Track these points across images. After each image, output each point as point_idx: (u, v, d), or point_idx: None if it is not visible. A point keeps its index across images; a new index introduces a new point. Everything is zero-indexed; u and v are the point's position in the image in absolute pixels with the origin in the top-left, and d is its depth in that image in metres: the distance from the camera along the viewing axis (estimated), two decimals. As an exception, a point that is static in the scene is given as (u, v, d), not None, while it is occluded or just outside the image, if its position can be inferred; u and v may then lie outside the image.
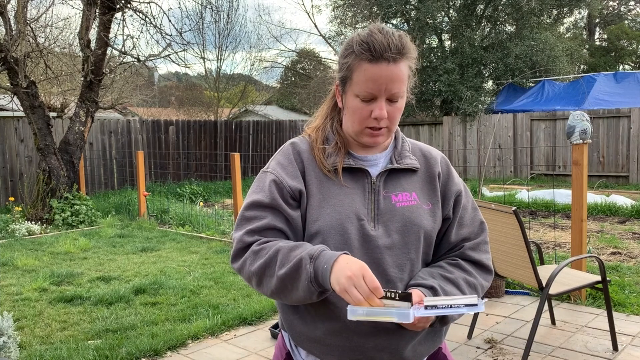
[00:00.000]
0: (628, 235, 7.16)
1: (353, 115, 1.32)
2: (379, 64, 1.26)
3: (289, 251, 1.23)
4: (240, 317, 4.06)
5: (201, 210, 9.10)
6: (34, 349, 3.53)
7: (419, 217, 1.35)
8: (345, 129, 1.40)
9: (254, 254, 1.27)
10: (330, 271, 1.15)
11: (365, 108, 1.30)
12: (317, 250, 1.20)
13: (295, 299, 1.24)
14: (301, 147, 1.40)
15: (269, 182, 1.35)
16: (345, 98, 1.35)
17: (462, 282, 1.34)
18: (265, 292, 1.28)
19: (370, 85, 1.27)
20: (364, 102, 1.30)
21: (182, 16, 26.29)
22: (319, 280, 1.17)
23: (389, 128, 1.34)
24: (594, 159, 13.03)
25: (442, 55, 16.56)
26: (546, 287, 3.20)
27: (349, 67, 1.30)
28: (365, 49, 1.26)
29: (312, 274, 1.17)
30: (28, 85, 8.14)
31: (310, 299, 1.22)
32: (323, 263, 1.17)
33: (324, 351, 1.35)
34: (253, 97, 23.96)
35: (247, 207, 1.34)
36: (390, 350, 1.31)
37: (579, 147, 4.18)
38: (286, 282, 1.22)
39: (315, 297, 1.21)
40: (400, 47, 1.27)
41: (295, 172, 1.36)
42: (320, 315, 1.32)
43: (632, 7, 27.17)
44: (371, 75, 1.26)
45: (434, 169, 1.42)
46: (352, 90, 1.31)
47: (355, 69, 1.28)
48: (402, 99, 1.32)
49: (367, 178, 1.37)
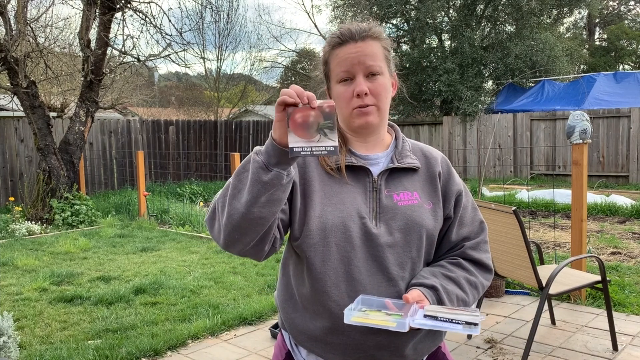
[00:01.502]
0: (628, 235, 7.16)
1: (340, 101, 1.36)
2: (347, 44, 1.34)
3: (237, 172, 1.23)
4: (240, 317, 4.06)
5: (201, 210, 9.10)
6: (34, 348, 3.53)
7: (421, 216, 1.36)
8: (341, 123, 1.41)
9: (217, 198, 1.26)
10: (270, 137, 1.16)
11: (347, 90, 1.34)
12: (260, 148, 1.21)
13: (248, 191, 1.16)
14: None
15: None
16: (332, 91, 1.39)
17: (463, 281, 1.35)
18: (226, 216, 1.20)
19: (343, 65, 1.33)
20: (345, 84, 1.34)
21: (182, 16, 26.29)
22: (262, 149, 1.17)
23: (377, 106, 1.35)
24: (594, 159, 13.04)
25: (442, 55, 16.55)
26: (546, 287, 3.20)
27: (326, 61, 1.39)
28: (335, 36, 1.36)
29: (257, 149, 1.19)
30: (28, 85, 8.14)
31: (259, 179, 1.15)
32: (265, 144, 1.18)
33: (325, 350, 1.35)
34: (253, 97, 23.96)
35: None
36: (391, 349, 1.32)
37: (579, 147, 4.18)
38: (239, 176, 1.19)
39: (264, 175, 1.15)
40: (366, 29, 1.35)
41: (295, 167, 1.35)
42: (321, 313, 1.32)
43: (632, 7, 27.18)
44: (342, 56, 1.33)
45: (434, 169, 1.43)
46: (334, 80, 1.37)
47: (331, 58, 1.37)
48: (383, 76, 1.35)
49: (369, 177, 1.37)
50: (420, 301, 1.23)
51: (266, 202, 1.17)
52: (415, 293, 1.25)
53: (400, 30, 18.19)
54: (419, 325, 1.15)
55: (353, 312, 1.17)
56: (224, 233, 1.22)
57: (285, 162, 1.16)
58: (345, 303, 1.27)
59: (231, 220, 1.19)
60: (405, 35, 17.76)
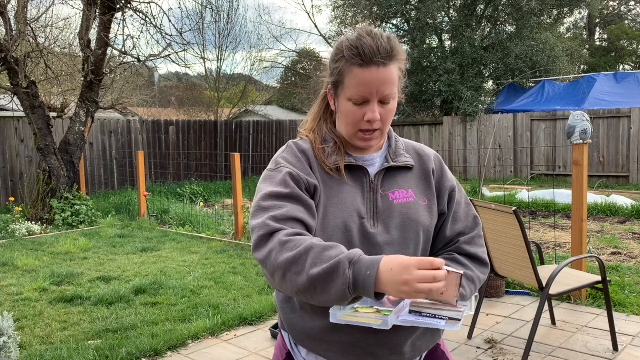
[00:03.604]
0: (628, 235, 7.16)
1: (346, 118, 1.34)
2: (369, 68, 1.27)
3: (322, 250, 1.16)
4: (240, 317, 4.06)
5: (201, 210, 9.10)
6: (34, 348, 3.53)
7: (417, 213, 1.38)
8: (339, 131, 1.42)
9: (281, 245, 1.19)
10: (375, 278, 1.09)
11: (357, 111, 1.31)
12: (356, 255, 1.14)
13: (323, 300, 1.16)
14: (304, 146, 1.41)
15: (284, 174, 1.32)
16: (338, 101, 1.36)
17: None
18: (287, 288, 1.20)
19: (361, 89, 1.28)
20: (356, 105, 1.31)
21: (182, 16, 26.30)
22: (358, 287, 1.11)
23: (381, 130, 1.36)
24: (594, 159, 13.03)
25: (442, 55, 16.55)
26: (546, 287, 3.20)
27: (340, 72, 1.31)
28: (355, 53, 1.27)
29: (351, 280, 1.11)
30: (28, 85, 8.14)
31: (339, 302, 1.16)
32: (364, 269, 1.11)
33: (325, 348, 1.35)
34: (253, 97, 23.95)
35: (263, 197, 1.29)
36: (390, 345, 1.33)
37: (579, 147, 4.18)
38: (316, 283, 1.14)
39: (347, 303, 1.16)
40: (389, 50, 1.28)
41: (307, 169, 1.35)
42: (319, 312, 1.32)
43: (632, 7, 27.18)
44: (362, 79, 1.28)
45: (427, 166, 1.46)
46: (344, 94, 1.32)
47: (347, 74, 1.30)
48: (394, 100, 1.34)
49: (366, 177, 1.39)
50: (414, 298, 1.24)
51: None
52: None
53: (400, 30, 18.19)
54: (401, 322, 1.16)
55: (340, 311, 1.18)
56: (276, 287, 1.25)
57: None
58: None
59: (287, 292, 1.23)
60: (405, 35, 17.76)
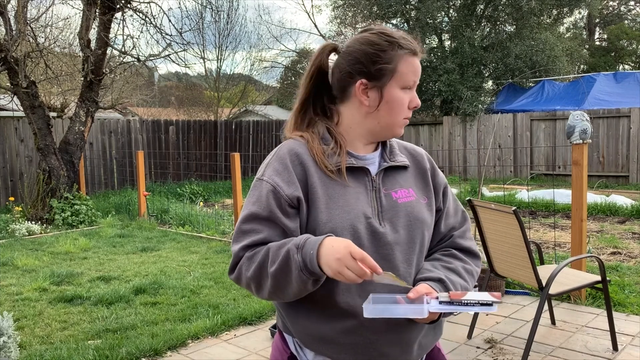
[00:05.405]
0: (628, 235, 7.16)
1: (398, 107, 1.37)
2: (416, 57, 1.38)
3: (278, 248, 1.24)
4: (240, 317, 4.06)
5: (201, 210, 9.11)
6: (34, 348, 3.53)
7: (420, 212, 1.40)
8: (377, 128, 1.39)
9: (248, 259, 1.28)
10: (317, 256, 1.17)
11: (405, 98, 1.37)
12: (302, 239, 1.21)
13: (292, 293, 1.24)
14: (299, 150, 1.36)
15: (265, 193, 1.31)
16: (385, 92, 1.35)
17: (462, 270, 1.41)
18: (264, 295, 1.29)
19: (412, 77, 1.37)
20: (405, 92, 1.37)
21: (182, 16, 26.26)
22: (309, 267, 1.18)
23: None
24: (594, 159, 13.04)
25: (442, 55, 16.55)
26: (546, 287, 3.20)
27: (392, 60, 1.34)
28: (409, 42, 1.37)
29: (301, 263, 1.18)
30: (28, 85, 8.14)
31: (305, 289, 1.22)
32: (309, 249, 1.18)
33: (337, 351, 1.33)
34: (253, 97, 23.94)
35: (244, 219, 1.33)
36: (401, 344, 1.34)
37: (579, 147, 4.18)
38: (279, 278, 1.22)
39: (311, 286, 1.22)
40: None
41: (292, 179, 1.32)
42: (332, 315, 1.31)
43: (632, 7, 27.17)
44: (415, 67, 1.37)
45: (423, 165, 1.49)
46: (396, 83, 1.35)
47: (401, 61, 1.35)
48: None
49: (368, 176, 1.38)
50: (429, 293, 1.26)
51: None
52: (423, 287, 1.28)
53: (400, 31, 18.18)
54: (437, 309, 1.19)
55: (372, 306, 1.20)
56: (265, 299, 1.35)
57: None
58: (356, 303, 1.28)
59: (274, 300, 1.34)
60: (405, 36, 17.74)
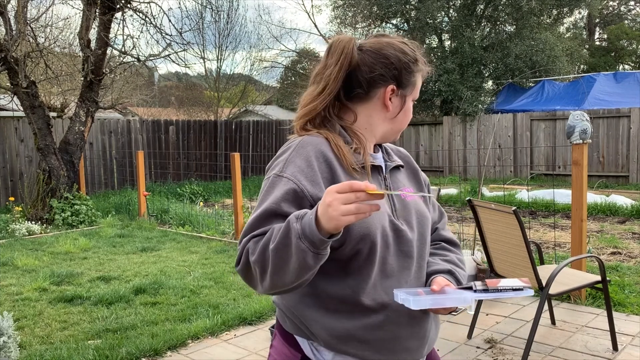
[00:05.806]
0: (628, 235, 7.16)
1: (408, 117, 1.47)
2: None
3: (278, 229, 1.15)
4: (241, 317, 4.06)
5: (201, 210, 9.11)
6: (34, 348, 3.53)
7: (425, 209, 1.46)
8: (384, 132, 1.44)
9: (254, 243, 1.20)
10: (315, 219, 1.09)
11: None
12: (302, 211, 1.14)
13: (292, 271, 1.14)
14: (322, 148, 1.32)
15: (286, 190, 1.25)
16: (407, 101, 1.44)
17: (457, 260, 1.50)
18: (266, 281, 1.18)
19: (418, 93, 1.47)
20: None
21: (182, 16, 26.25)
22: (307, 235, 1.09)
23: None
24: (594, 159, 13.03)
25: (442, 55, 16.55)
26: (546, 287, 3.20)
27: (416, 73, 1.44)
28: (426, 64, 1.46)
29: (300, 230, 1.10)
30: (28, 85, 8.14)
31: (305, 264, 1.11)
32: (308, 215, 1.11)
33: (361, 348, 1.32)
34: (253, 97, 23.95)
35: (260, 216, 1.24)
36: (418, 337, 1.37)
37: (579, 147, 4.18)
38: (280, 253, 1.12)
39: (311, 259, 1.11)
40: None
41: (316, 178, 1.27)
42: (359, 311, 1.30)
43: (632, 7, 27.17)
44: (420, 84, 1.47)
45: (413, 165, 1.56)
46: (412, 95, 1.45)
47: (419, 77, 1.45)
48: None
49: (381, 175, 1.41)
50: (447, 285, 1.31)
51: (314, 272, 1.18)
52: (441, 280, 1.34)
53: (400, 30, 18.19)
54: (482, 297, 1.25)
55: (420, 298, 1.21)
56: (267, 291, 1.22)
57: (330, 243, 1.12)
58: (382, 299, 1.29)
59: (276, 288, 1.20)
60: (405, 35, 17.74)
